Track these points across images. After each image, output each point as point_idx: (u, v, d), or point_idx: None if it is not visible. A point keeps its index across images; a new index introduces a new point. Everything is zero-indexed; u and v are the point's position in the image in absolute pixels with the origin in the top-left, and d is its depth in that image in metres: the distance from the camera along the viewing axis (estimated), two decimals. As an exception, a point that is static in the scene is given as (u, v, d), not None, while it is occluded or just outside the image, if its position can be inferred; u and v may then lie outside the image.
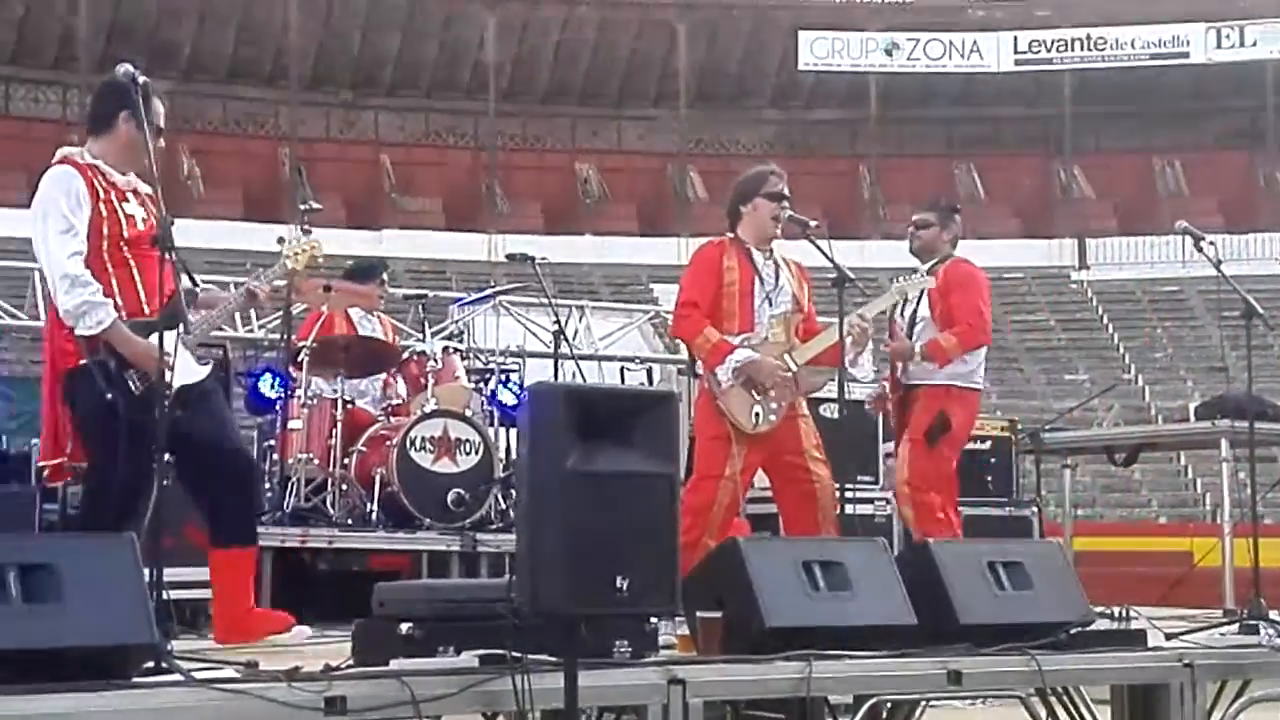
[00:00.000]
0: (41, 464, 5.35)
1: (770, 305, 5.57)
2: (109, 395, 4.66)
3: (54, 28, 30.15)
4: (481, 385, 7.89)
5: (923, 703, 5.14)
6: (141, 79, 4.34)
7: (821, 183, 33.39)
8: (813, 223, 5.55)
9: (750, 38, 33.16)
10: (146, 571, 3.61)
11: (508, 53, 32.30)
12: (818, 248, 5.47)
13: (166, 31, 30.40)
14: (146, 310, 4.73)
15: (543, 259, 8.47)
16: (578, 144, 34.13)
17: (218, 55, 30.72)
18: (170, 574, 4.20)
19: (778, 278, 5.60)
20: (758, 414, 5.42)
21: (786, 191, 5.68)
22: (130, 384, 4.69)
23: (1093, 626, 5.53)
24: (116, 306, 4.71)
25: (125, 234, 4.79)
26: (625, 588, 3.93)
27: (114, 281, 4.75)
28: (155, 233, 4.36)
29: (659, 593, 4.05)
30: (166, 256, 4.25)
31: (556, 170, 33.74)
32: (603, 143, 34.24)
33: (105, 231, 4.76)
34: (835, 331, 5.46)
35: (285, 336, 7.68)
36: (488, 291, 10.13)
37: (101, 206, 4.77)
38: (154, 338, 4.30)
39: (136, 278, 4.78)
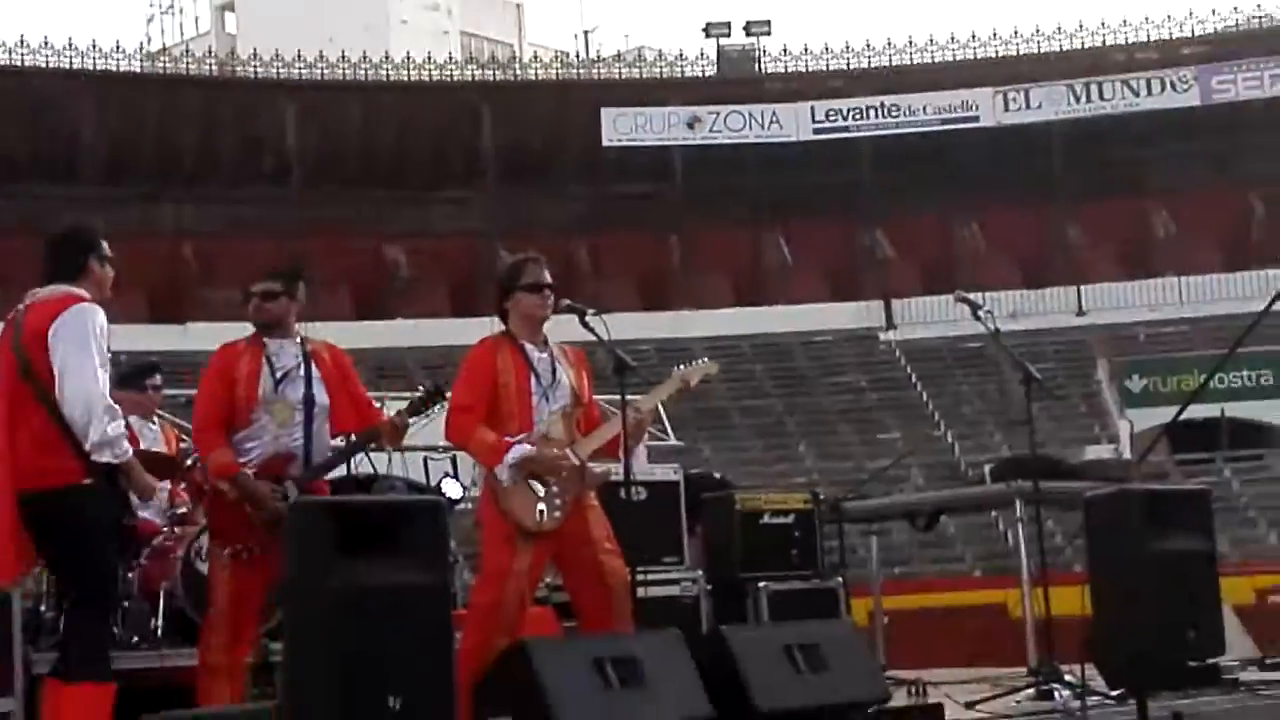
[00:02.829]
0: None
1: (548, 401, 5.44)
2: (124, 520, 5.23)
3: None
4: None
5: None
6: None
7: (632, 257, 33.64)
8: (590, 311, 5.46)
9: (553, 116, 33.34)
10: None
11: (310, 140, 31.96)
12: (594, 334, 5.39)
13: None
14: None
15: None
16: (385, 227, 33.82)
17: (8, 154, 29.79)
18: None
19: (554, 372, 5.49)
20: (541, 511, 5.29)
21: (547, 278, 5.57)
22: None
23: (891, 703, 5.54)
24: None
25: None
26: (398, 707, 3.80)
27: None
28: None
29: (434, 709, 3.91)
30: None
31: (364, 254, 33.36)
32: (411, 225, 33.97)
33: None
34: (617, 423, 5.38)
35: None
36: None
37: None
38: None
39: None
